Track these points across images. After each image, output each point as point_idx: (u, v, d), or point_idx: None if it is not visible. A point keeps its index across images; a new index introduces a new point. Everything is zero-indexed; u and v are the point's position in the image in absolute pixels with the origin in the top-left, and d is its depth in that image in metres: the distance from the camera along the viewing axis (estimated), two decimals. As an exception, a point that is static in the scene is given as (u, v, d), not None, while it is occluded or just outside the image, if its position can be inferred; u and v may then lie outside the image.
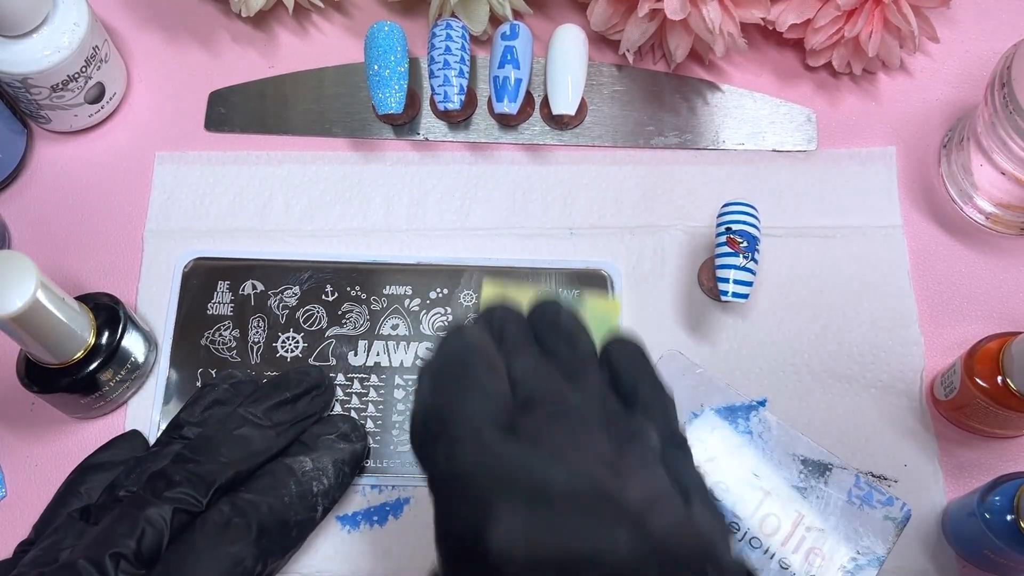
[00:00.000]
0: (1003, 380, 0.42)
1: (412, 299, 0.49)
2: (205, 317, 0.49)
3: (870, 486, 0.44)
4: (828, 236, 0.51)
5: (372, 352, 0.48)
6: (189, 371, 0.48)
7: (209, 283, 0.49)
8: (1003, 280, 0.50)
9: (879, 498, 0.44)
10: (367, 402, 0.47)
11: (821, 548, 0.43)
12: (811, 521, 0.44)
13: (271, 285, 0.49)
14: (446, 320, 0.48)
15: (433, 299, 0.49)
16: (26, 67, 0.48)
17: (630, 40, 0.52)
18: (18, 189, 0.53)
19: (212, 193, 0.52)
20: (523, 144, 0.53)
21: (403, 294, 0.49)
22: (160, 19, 0.57)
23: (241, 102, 0.54)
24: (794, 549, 0.43)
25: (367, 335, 0.48)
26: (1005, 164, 0.47)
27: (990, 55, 0.55)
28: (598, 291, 0.48)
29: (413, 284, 0.49)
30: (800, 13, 0.51)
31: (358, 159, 0.53)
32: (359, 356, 0.48)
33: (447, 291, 0.49)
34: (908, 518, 0.43)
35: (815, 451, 0.45)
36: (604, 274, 0.49)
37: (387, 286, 0.49)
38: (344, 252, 0.50)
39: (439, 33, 0.51)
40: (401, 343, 0.48)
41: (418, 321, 0.49)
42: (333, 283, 0.49)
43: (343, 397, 0.47)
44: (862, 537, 0.43)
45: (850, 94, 0.54)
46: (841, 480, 0.44)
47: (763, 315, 0.49)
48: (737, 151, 0.53)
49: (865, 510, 0.44)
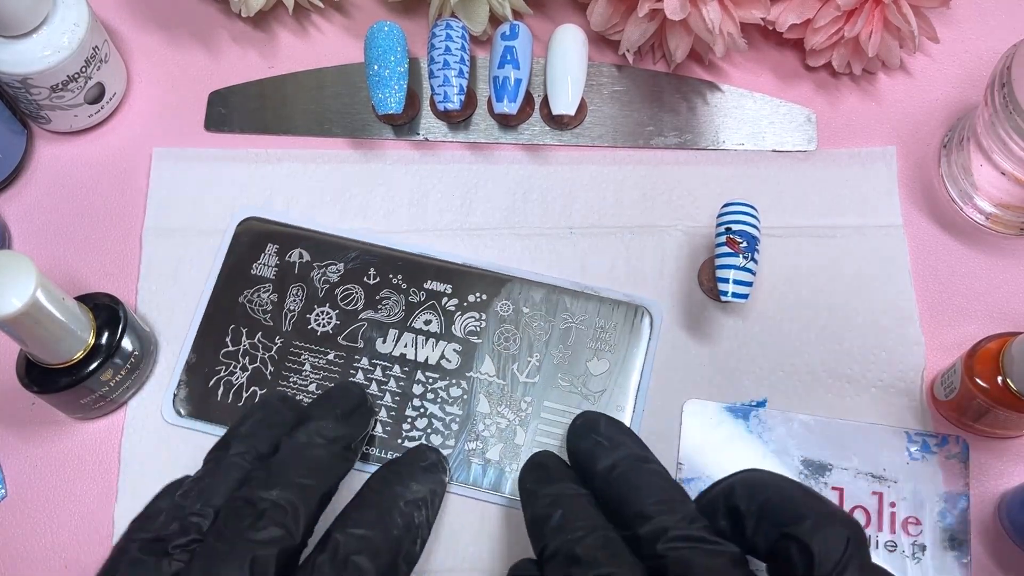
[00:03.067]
0: (1003, 380, 0.42)
1: (450, 298, 0.49)
2: (248, 276, 0.49)
3: (921, 436, 0.45)
4: (828, 236, 0.51)
5: (401, 342, 0.48)
6: (221, 325, 0.48)
7: (259, 243, 0.50)
8: (1003, 280, 0.50)
9: (934, 442, 0.45)
10: (385, 391, 0.47)
11: (913, 515, 0.44)
12: (892, 495, 0.45)
13: (318, 257, 0.50)
14: (479, 326, 0.48)
15: (471, 302, 0.49)
16: (26, 67, 0.48)
17: (630, 40, 0.52)
18: (18, 189, 0.53)
19: (212, 192, 0.52)
20: (523, 144, 0.53)
21: (442, 291, 0.49)
22: (160, 19, 0.57)
23: (241, 102, 0.54)
24: (891, 528, 0.44)
25: (399, 325, 0.48)
26: (1005, 164, 0.47)
27: (990, 55, 0.55)
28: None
29: (455, 284, 0.49)
30: (800, 13, 0.51)
31: (358, 159, 0.53)
32: (387, 344, 0.48)
33: (485, 297, 0.49)
34: (967, 448, 0.45)
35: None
36: (647, 311, 0.49)
37: (428, 281, 0.49)
38: (396, 240, 0.50)
39: (439, 33, 0.51)
40: (431, 340, 0.48)
41: (451, 321, 0.49)
42: (377, 267, 0.50)
43: (362, 381, 0.47)
44: (939, 485, 0.45)
45: (850, 94, 0.54)
46: (892, 444, 0.45)
47: (763, 315, 0.49)
48: (737, 151, 0.53)
49: (927, 459, 0.45)
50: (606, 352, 0.48)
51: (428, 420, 0.47)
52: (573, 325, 0.48)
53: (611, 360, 0.47)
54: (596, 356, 0.47)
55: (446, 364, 0.48)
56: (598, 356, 0.47)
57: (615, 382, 0.47)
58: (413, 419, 0.47)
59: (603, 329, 0.48)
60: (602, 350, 0.48)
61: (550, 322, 0.48)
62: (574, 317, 0.48)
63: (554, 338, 0.48)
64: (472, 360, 0.48)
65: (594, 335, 0.48)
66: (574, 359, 0.48)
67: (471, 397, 0.47)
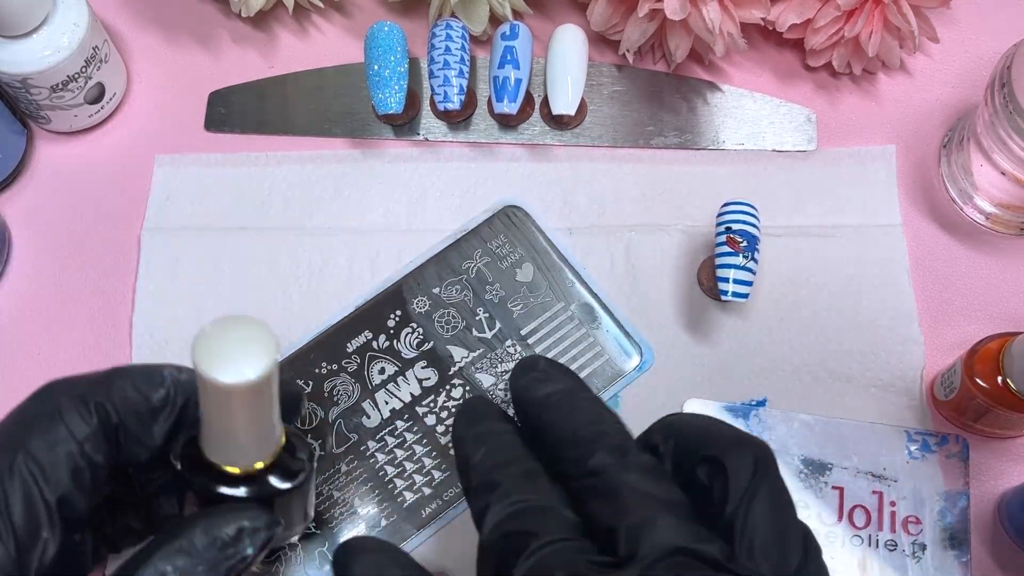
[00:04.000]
0: (1003, 380, 0.42)
1: (375, 338, 0.48)
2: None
3: (921, 435, 0.45)
4: (828, 235, 0.51)
5: (380, 404, 0.47)
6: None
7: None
8: (1003, 280, 0.50)
9: (934, 441, 0.45)
10: (412, 447, 0.46)
11: (913, 514, 0.44)
12: (892, 494, 0.45)
13: None
14: (419, 333, 0.48)
15: (394, 325, 0.48)
16: (26, 67, 0.48)
17: (630, 40, 0.52)
18: (18, 189, 0.53)
19: (211, 192, 0.52)
20: (523, 144, 0.53)
21: (366, 340, 0.48)
22: (160, 19, 0.57)
23: (241, 102, 0.54)
24: (891, 527, 0.44)
25: (364, 394, 0.47)
26: (1005, 164, 0.47)
27: (990, 55, 0.55)
28: None
29: (368, 325, 0.49)
30: (800, 13, 0.51)
31: (358, 159, 0.53)
32: (372, 417, 0.47)
33: (400, 312, 0.49)
34: (967, 448, 0.45)
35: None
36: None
37: (347, 343, 0.48)
38: (299, 335, 0.48)
39: (439, 33, 0.51)
40: (398, 378, 0.47)
41: (396, 351, 0.48)
42: (305, 371, 0.48)
43: (391, 458, 0.46)
44: (939, 484, 0.45)
45: (850, 94, 0.54)
46: (892, 444, 0.46)
47: (763, 315, 0.49)
48: (737, 151, 0.53)
49: (927, 458, 0.45)
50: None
51: None
52: (476, 264, 0.49)
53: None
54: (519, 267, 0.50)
55: (428, 382, 0.47)
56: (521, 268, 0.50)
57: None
58: (450, 443, 0.46)
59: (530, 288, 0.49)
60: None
61: (459, 277, 0.49)
62: (474, 260, 0.50)
63: (474, 284, 0.49)
64: (442, 360, 0.48)
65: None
66: (507, 283, 0.49)
67: (472, 382, 0.47)
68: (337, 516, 0.45)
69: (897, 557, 0.44)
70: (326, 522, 0.45)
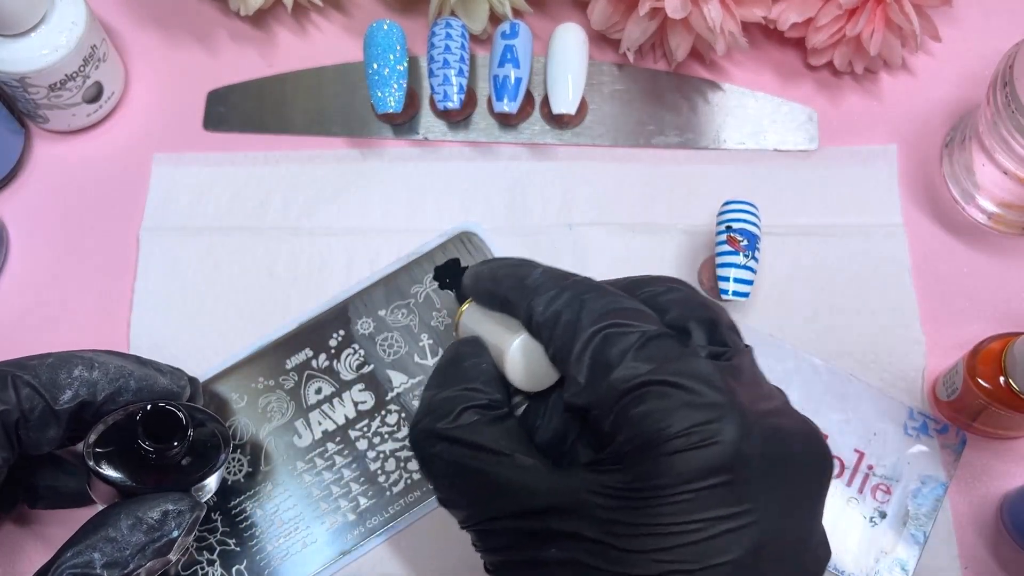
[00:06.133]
0: (1005, 381, 0.42)
1: (316, 356, 0.48)
2: None
3: (924, 416, 0.45)
4: (829, 235, 0.50)
5: (314, 425, 0.46)
6: None
7: None
8: (1005, 280, 0.50)
9: (934, 427, 0.45)
10: (341, 471, 0.45)
11: (886, 483, 0.44)
12: (873, 458, 0.45)
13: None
14: (360, 354, 0.47)
15: (336, 344, 0.48)
16: (24, 66, 0.47)
17: (631, 39, 0.52)
18: (16, 189, 0.52)
19: (210, 191, 0.52)
20: (523, 143, 0.53)
21: (306, 358, 0.48)
22: (158, 18, 0.57)
23: (240, 101, 0.54)
24: (859, 488, 0.45)
25: (298, 414, 0.47)
26: (1007, 164, 0.47)
27: (992, 54, 0.54)
28: None
29: (309, 343, 0.48)
30: (802, 12, 0.50)
31: (357, 158, 0.53)
32: (304, 437, 0.46)
33: (343, 332, 0.48)
34: (964, 443, 0.45)
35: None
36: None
37: (287, 360, 0.48)
38: (211, 366, 0.48)
39: (439, 32, 0.51)
40: (333, 400, 0.47)
41: (335, 372, 0.47)
42: (239, 387, 0.47)
43: (319, 481, 0.45)
44: (923, 466, 0.45)
45: (852, 93, 0.54)
46: (892, 413, 0.46)
47: (763, 314, 0.49)
48: (738, 150, 0.53)
49: (921, 439, 0.45)
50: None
51: (393, 458, 0.46)
52: (425, 289, 0.49)
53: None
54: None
55: (364, 406, 0.47)
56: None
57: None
58: (384, 470, 0.46)
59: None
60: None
61: (407, 301, 0.48)
62: (424, 285, 0.49)
63: (421, 310, 0.48)
64: (380, 384, 0.47)
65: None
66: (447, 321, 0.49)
67: (408, 409, 0.46)
68: (258, 535, 0.44)
69: (854, 514, 0.44)
70: (247, 540, 0.44)
